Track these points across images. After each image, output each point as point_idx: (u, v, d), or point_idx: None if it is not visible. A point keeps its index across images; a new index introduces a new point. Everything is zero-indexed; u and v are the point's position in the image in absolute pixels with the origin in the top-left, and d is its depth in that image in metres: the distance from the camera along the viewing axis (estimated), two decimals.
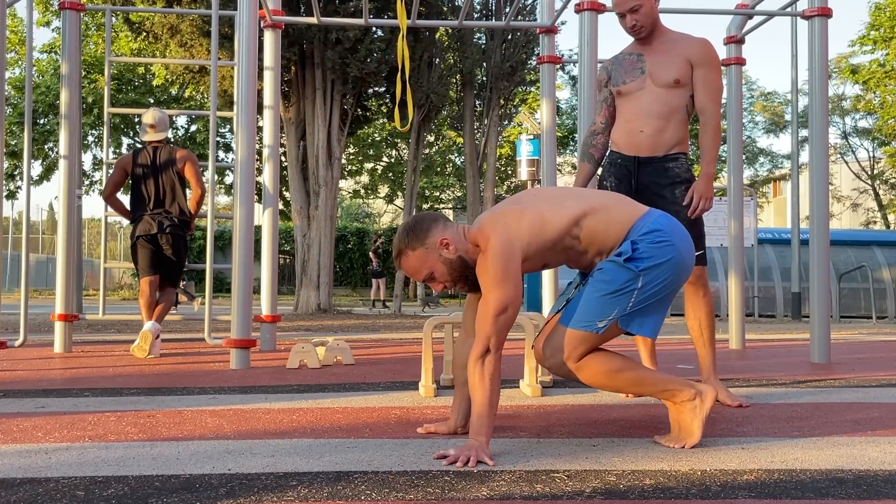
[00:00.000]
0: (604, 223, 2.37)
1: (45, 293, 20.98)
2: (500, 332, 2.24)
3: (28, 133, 5.47)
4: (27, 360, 4.76)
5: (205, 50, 11.81)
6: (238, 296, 4.51)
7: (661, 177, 3.30)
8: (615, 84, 3.41)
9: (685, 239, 2.39)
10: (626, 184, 3.35)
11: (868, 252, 15.95)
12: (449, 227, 2.39)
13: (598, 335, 2.31)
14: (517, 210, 2.37)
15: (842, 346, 6.80)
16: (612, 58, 3.52)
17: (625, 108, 3.39)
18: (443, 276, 2.38)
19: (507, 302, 2.24)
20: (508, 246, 2.27)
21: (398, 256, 2.40)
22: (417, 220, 2.40)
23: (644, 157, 3.33)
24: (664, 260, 2.31)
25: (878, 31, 21.76)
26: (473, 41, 15.91)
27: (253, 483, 1.92)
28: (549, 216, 2.35)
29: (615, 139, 3.44)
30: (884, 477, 2.03)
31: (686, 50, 3.32)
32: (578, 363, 2.32)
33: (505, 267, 2.25)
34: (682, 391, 2.36)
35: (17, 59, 21.21)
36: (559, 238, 2.35)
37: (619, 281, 2.30)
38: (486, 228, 2.33)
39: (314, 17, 5.94)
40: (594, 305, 2.31)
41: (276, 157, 5.82)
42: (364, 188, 28.78)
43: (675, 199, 3.27)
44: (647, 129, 3.31)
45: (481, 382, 2.23)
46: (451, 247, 2.35)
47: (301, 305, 12.61)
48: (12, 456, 2.19)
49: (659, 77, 3.30)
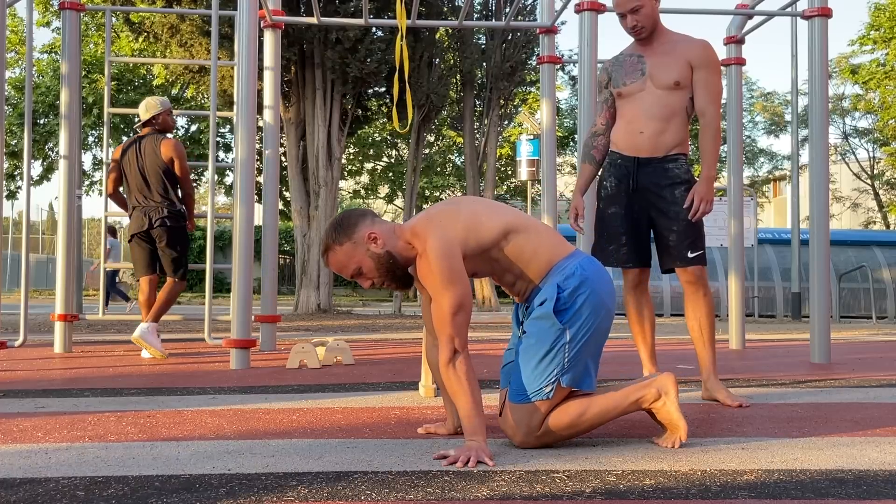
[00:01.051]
0: (531, 247, 2.35)
1: (45, 293, 20.97)
2: (460, 331, 2.24)
3: (28, 133, 5.47)
4: (27, 360, 4.76)
5: (205, 50, 11.81)
6: (238, 296, 4.50)
7: (660, 177, 3.30)
8: (616, 85, 3.41)
9: (607, 283, 2.38)
10: (625, 184, 3.35)
11: (868, 252, 15.96)
12: (377, 223, 2.38)
13: (548, 401, 2.29)
14: (452, 210, 2.37)
15: (842, 346, 6.80)
16: (613, 59, 3.52)
17: (625, 109, 3.39)
18: (371, 271, 2.36)
19: (460, 301, 2.23)
20: (447, 245, 2.26)
21: (325, 252, 2.38)
22: (345, 216, 2.40)
23: (644, 157, 3.32)
24: (587, 310, 2.30)
25: (877, 32, 21.76)
26: (473, 41, 15.91)
27: (253, 483, 1.92)
28: (484, 220, 2.34)
29: (615, 140, 3.44)
30: (884, 477, 2.03)
31: (686, 52, 3.32)
32: (542, 431, 2.30)
33: (449, 267, 2.24)
34: (645, 395, 2.35)
35: (17, 59, 21.21)
36: (491, 244, 2.33)
37: (548, 340, 2.29)
38: (421, 230, 2.31)
39: (314, 17, 5.94)
40: (532, 373, 2.29)
41: (276, 157, 5.82)
42: (364, 188, 28.78)
43: (674, 200, 3.27)
44: (648, 131, 3.31)
45: (460, 384, 2.23)
46: (380, 241, 2.33)
47: (301, 305, 12.62)
48: (12, 456, 2.19)
49: (659, 79, 3.30)
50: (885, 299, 15.39)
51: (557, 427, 2.30)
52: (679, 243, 3.27)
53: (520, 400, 2.30)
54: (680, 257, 3.29)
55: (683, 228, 3.27)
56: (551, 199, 5.98)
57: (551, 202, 5.97)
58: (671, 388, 2.34)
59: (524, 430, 2.30)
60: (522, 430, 2.30)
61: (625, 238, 3.37)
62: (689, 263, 3.28)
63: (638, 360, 3.58)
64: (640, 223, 3.38)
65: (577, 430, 2.34)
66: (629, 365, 4.70)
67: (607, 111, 3.48)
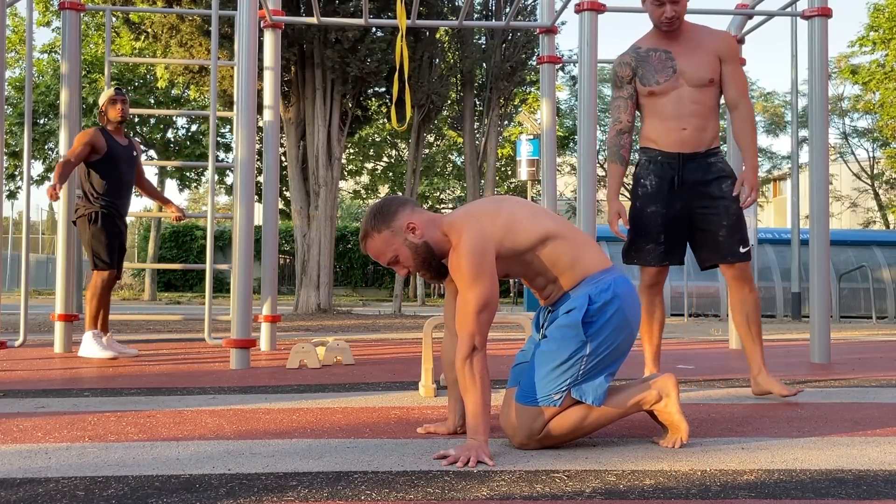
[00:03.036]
0: (569, 256, 2.34)
1: (45, 293, 20.97)
2: (482, 329, 2.24)
3: (28, 133, 5.47)
4: (27, 360, 4.76)
5: (205, 50, 11.81)
6: (238, 296, 4.50)
7: (706, 172, 3.28)
8: (646, 83, 3.33)
9: (636, 305, 2.38)
10: (667, 182, 3.30)
11: (868, 252, 15.96)
12: (417, 212, 2.37)
13: (555, 408, 2.29)
14: (493, 208, 2.36)
15: (842, 346, 6.80)
16: (632, 54, 3.40)
17: (658, 107, 3.33)
18: (407, 260, 2.36)
19: (486, 298, 2.22)
20: (481, 242, 2.25)
21: (364, 238, 2.38)
22: (386, 202, 2.39)
23: (688, 153, 3.29)
24: (612, 327, 2.30)
25: (876, 33, 21.75)
26: (473, 41, 15.91)
27: (253, 483, 1.92)
28: (525, 223, 2.33)
29: (652, 137, 3.36)
30: (884, 477, 2.03)
31: (713, 46, 3.28)
32: (542, 435, 2.30)
33: (479, 263, 2.23)
34: (646, 396, 2.35)
35: (17, 59, 21.20)
36: (526, 249, 2.33)
37: (568, 349, 2.28)
38: (459, 224, 2.31)
39: (314, 17, 5.94)
40: (546, 378, 2.28)
41: (276, 157, 5.82)
42: (364, 188, 28.78)
43: (723, 194, 3.25)
44: (690, 127, 3.28)
45: (472, 382, 2.22)
46: (418, 231, 2.33)
47: (301, 305, 12.61)
48: (12, 456, 2.19)
49: (692, 77, 3.26)
50: (885, 299, 15.39)
51: (558, 432, 2.30)
52: (730, 238, 3.25)
53: (527, 401, 2.29)
54: (731, 252, 3.26)
55: (734, 223, 3.26)
56: (551, 199, 5.98)
57: (551, 202, 5.97)
58: (672, 389, 2.35)
59: (525, 432, 2.30)
60: (524, 432, 2.30)
61: (663, 237, 3.34)
62: (739, 259, 3.26)
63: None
64: (680, 221, 3.34)
65: (577, 435, 2.34)
66: (629, 365, 4.70)
67: (632, 108, 3.41)
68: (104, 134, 5.05)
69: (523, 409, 2.30)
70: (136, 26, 12.71)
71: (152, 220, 22.41)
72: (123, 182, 5.09)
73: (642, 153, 3.41)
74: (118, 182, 5.04)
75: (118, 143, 5.09)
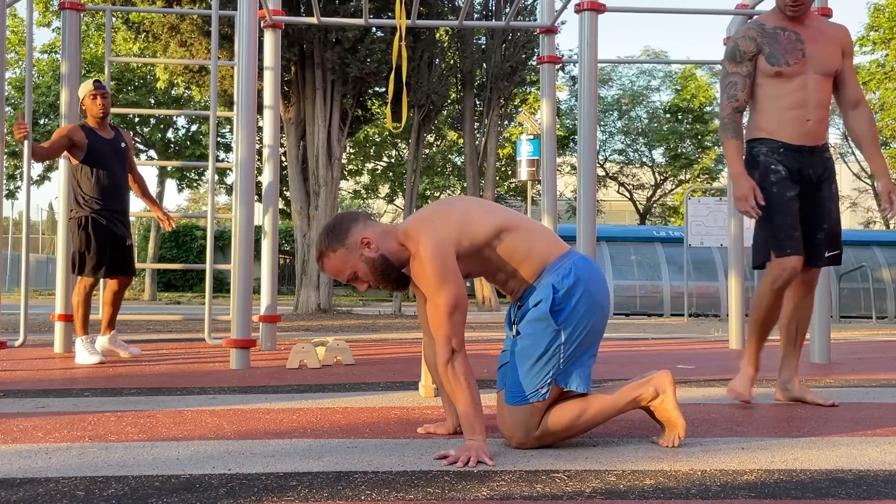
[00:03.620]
0: (525, 246, 2.34)
1: (45, 293, 20.97)
2: (458, 331, 2.25)
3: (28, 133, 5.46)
4: (27, 360, 4.76)
5: (205, 50, 11.81)
6: (238, 296, 4.50)
7: (822, 169, 3.11)
8: (774, 63, 3.06)
9: (601, 283, 2.38)
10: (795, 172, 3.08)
11: (868, 252, 15.95)
12: (370, 226, 2.38)
13: (544, 402, 2.29)
14: (445, 210, 2.36)
15: (842, 346, 6.80)
16: (758, 29, 3.13)
17: (783, 91, 3.07)
18: (366, 275, 2.37)
19: (455, 300, 2.23)
20: (440, 246, 2.26)
21: (320, 259, 2.39)
22: (337, 221, 2.40)
23: (810, 146, 3.09)
24: (582, 310, 2.30)
25: (877, 33, 21.75)
26: (473, 41, 15.91)
27: (253, 483, 1.92)
28: (477, 219, 2.33)
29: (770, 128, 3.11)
30: (884, 477, 2.03)
31: (838, 37, 3.13)
32: (539, 432, 2.30)
33: (442, 267, 2.24)
34: (643, 393, 2.35)
35: (17, 59, 21.20)
36: (483, 243, 2.33)
37: (544, 342, 2.28)
38: (414, 231, 2.32)
39: (314, 18, 5.94)
40: (528, 374, 2.28)
41: (276, 157, 5.82)
42: (364, 188, 28.78)
43: (831, 196, 3.12)
44: (813, 118, 3.08)
45: (458, 384, 2.23)
46: (373, 245, 2.34)
47: (301, 305, 12.61)
48: (12, 456, 2.19)
49: (821, 65, 3.07)
50: (885, 299, 15.38)
51: (556, 428, 2.30)
52: (824, 241, 3.12)
53: (516, 402, 2.30)
54: (819, 255, 3.12)
55: (832, 226, 3.13)
56: (551, 199, 5.98)
57: (551, 202, 5.97)
58: (668, 385, 2.35)
59: (522, 431, 2.30)
60: (520, 432, 2.30)
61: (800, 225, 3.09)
62: (825, 263, 3.15)
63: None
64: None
65: (575, 431, 2.34)
66: (629, 365, 4.70)
67: (749, 87, 3.13)
68: (85, 129, 4.83)
69: (515, 410, 2.30)
70: (135, 26, 12.70)
71: (152, 220, 22.40)
72: (114, 178, 4.84)
73: (757, 144, 3.13)
74: (107, 179, 4.80)
75: (101, 137, 4.86)
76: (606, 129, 26.40)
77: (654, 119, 25.86)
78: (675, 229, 16.98)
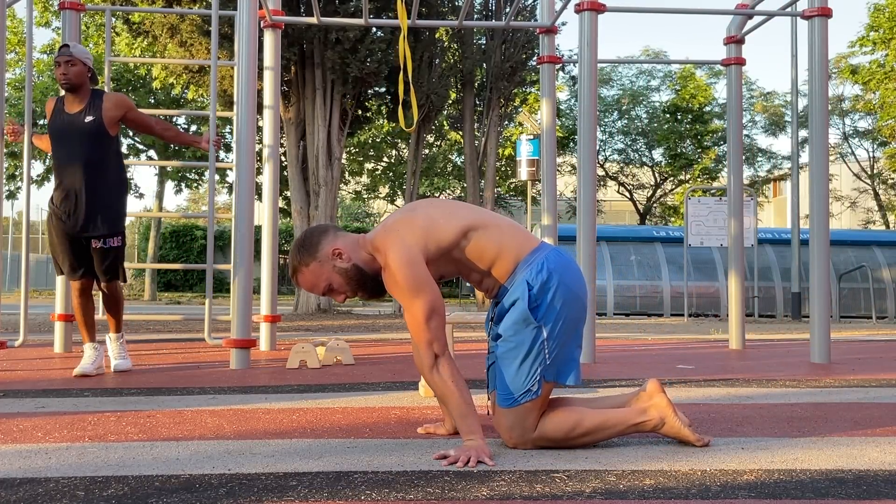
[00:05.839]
0: (494, 244, 2.34)
1: (45, 293, 20.97)
2: (438, 335, 2.25)
3: (28, 133, 5.46)
4: (27, 360, 4.76)
5: (204, 50, 11.80)
6: (238, 296, 4.50)
7: None
8: None
9: (576, 274, 2.37)
10: None
11: (868, 252, 15.95)
12: (340, 237, 2.38)
13: (538, 399, 2.29)
14: (408, 217, 2.36)
15: (842, 346, 6.80)
16: None
17: None
18: (341, 286, 2.38)
19: (431, 305, 2.24)
20: (408, 254, 2.25)
21: (294, 274, 2.39)
22: (306, 235, 2.40)
23: None
24: (559, 303, 2.29)
25: (877, 33, 21.74)
26: (473, 41, 15.91)
27: (253, 483, 1.92)
28: (442, 222, 2.33)
29: None
30: (884, 477, 2.03)
31: None
32: (536, 433, 2.30)
33: (414, 275, 2.24)
34: (646, 423, 2.34)
35: (17, 59, 21.20)
36: (450, 245, 2.32)
37: (527, 341, 2.28)
38: (381, 243, 2.32)
39: (314, 17, 5.94)
40: (516, 375, 2.28)
41: (276, 157, 5.82)
42: (364, 188, 28.78)
43: None
44: None
45: (447, 388, 2.24)
46: (345, 255, 2.35)
47: (301, 305, 12.61)
48: (12, 456, 2.19)
49: None
50: (885, 299, 15.38)
51: (553, 435, 2.31)
52: None
53: (509, 404, 2.30)
54: None
55: None
56: (551, 199, 5.97)
57: (551, 202, 5.96)
58: (667, 409, 2.35)
59: (518, 431, 2.30)
60: (517, 433, 2.31)
61: None
62: None
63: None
64: None
65: (572, 443, 2.33)
66: (629, 365, 4.70)
67: None
68: (56, 104, 4.14)
69: (509, 412, 2.30)
70: (135, 26, 12.69)
71: (152, 220, 22.40)
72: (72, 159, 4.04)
73: None
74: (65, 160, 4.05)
75: (63, 112, 4.10)
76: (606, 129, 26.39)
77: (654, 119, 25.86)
78: (675, 229, 16.99)
